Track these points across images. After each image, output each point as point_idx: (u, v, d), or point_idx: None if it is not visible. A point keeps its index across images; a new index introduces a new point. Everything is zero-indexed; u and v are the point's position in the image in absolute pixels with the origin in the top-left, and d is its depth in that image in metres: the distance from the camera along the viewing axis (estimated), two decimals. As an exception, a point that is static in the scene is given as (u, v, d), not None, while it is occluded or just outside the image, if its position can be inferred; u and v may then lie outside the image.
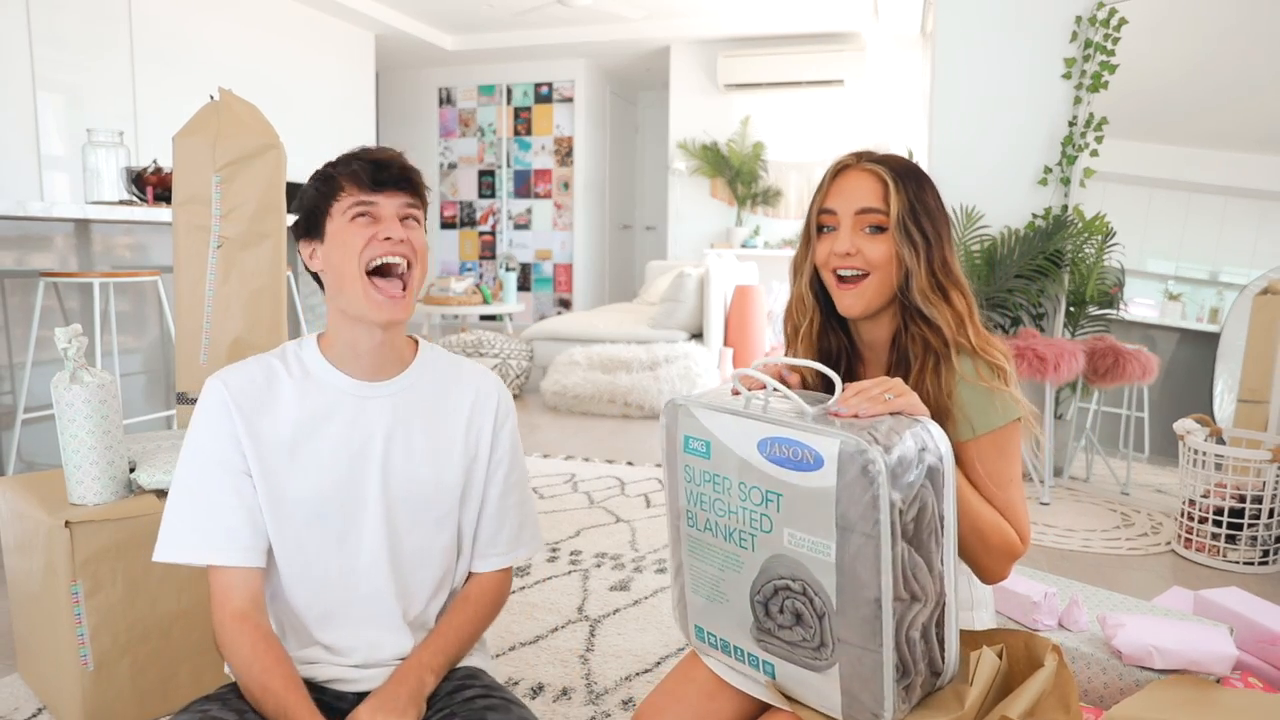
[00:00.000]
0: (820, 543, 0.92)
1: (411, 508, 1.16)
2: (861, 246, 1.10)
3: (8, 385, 2.76)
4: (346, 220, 1.10)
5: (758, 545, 0.99)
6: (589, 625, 1.96)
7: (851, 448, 0.88)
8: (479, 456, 1.21)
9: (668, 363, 4.55)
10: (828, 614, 0.94)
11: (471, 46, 7.64)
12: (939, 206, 1.13)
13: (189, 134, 1.88)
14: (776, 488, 0.95)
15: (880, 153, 1.16)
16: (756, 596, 1.01)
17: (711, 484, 1.02)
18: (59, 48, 4.38)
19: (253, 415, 1.10)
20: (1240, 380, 2.83)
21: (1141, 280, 3.24)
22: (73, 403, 1.47)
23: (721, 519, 1.02)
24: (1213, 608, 1.63)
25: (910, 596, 0.93)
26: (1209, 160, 3.07)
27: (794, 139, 7.22)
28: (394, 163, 1.12)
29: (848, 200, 1.12)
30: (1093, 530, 2.71)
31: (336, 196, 1.11)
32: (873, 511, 0.88)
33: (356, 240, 1.09)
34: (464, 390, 1.22)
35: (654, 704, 1.13)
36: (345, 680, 1.14)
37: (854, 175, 1.14)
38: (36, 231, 2.81)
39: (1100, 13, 3.13)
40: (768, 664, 1.04)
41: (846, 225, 1.12)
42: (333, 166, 1.13)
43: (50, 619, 1.49)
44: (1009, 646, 1.07)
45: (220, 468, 1.09)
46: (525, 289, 8.36)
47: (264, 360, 1.16)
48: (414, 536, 1.16)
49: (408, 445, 1.15)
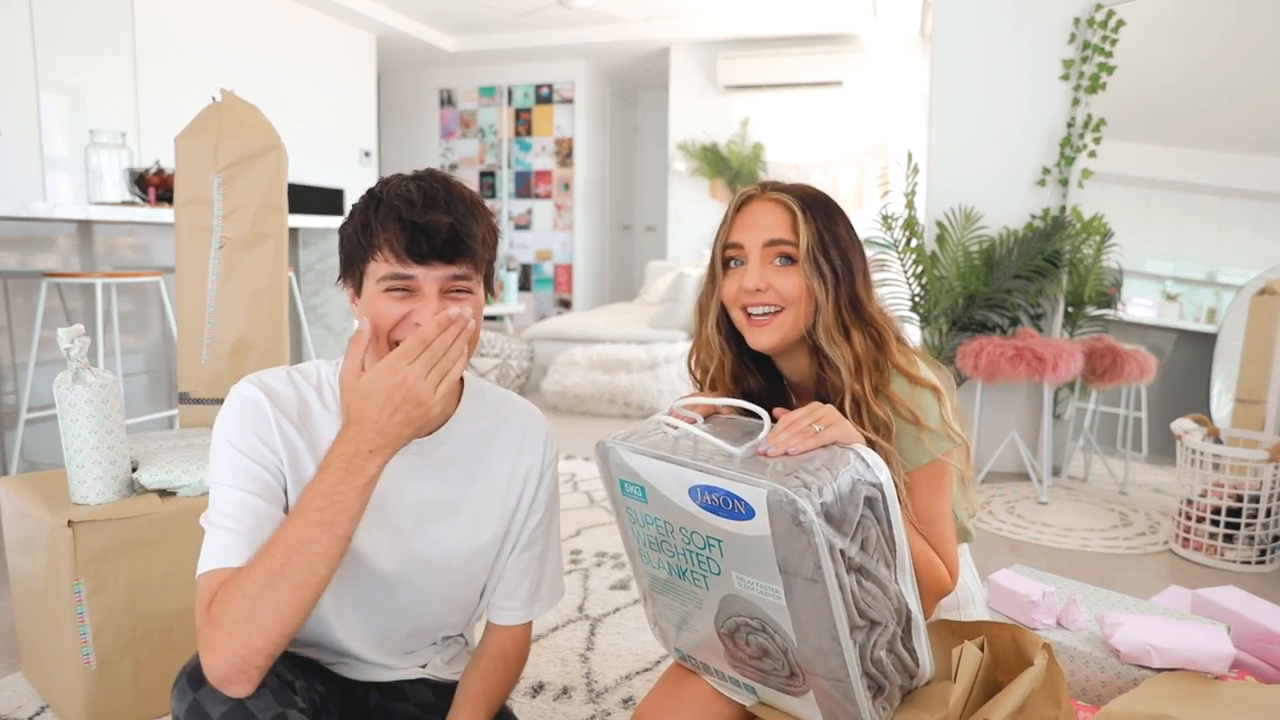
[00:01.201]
0: (769, 586, 0.89)
1: (441, 574, 1.08)
2: (772, 281, 1.04)
3: (11, 385, 2.77)
4: (379, 290, 0.95)
5: (711, 585, 0.95)
6: (589, 624, 1.97)
7: (779, 498, 0.83)
8: (520, 507, 1.12)
9: (668, 363, 4.56)
10: (790, 649, 0.92)
11: (472, 48, 7.65)
12: (851, 238, 1.08)
13: (191, 135, 1.89)
14: (716, 534, 0.90)
15: (786, 182, 1.11)
16: (721, 630, 0.99)
17: (654, 526, 0.97)
18: (62, 49, 4.39)
19: (291, 434, 0.98)
20: (1238, 380, 2.83)
21: (1139, 281, 3.25)
22: (75, 403, 1.48)
23: (671, 559, 0.98)
24: (1210, 607, 1.63)
25: (869, 623, 0.90)
26: (1207, 161, 3.07)
27: (794, 140, 7.23)
28: (440, 230, 0.92)
29: (755, 232, 1.06)
30: (1091, 530, 2.72)
31: (373, 256, 0.94)
32: (812, 557, 0.84)
33: (386, 317, 0.94)
34: (510, 436, 1.11)
35: (654, 704, 1.13)
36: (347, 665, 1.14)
37: (760, 206, 1.08)
38: (39, 232, 2.82)
39: (1098, 14, 3.14)
40: (749, 685, 1.04)
41: (755, 259, 1.06)
42: (375, 212, 0.95)
43: (53, 618, 1.50)
44: (995, 640, 1.07)
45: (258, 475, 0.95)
46: (526, 289, 8.37)
47: (295, 381, 1.02)
48: (438, 596, 1.10)
49: (442, 511, 1.05)
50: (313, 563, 0.86)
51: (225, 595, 0.86)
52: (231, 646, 0.85)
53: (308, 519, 0.86)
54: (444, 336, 0.89)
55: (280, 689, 0.91)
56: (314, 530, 0.86)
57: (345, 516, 0.87)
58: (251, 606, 0.85)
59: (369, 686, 1.14)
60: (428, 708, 1.14)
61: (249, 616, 0.85)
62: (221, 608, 0.86)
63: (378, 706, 1.14)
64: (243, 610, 0.85)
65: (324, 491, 0.87)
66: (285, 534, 0.87)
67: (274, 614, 0.85)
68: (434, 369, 0.88)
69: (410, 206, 0.93)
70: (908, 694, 1.01)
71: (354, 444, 0.88)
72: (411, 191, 0.94)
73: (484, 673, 1.11)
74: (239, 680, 0.86)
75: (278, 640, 0.86)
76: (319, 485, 0.88)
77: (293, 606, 0.86)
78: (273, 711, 0.89)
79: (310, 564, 0.86)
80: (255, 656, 0.86)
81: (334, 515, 0.87)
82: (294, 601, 0.86)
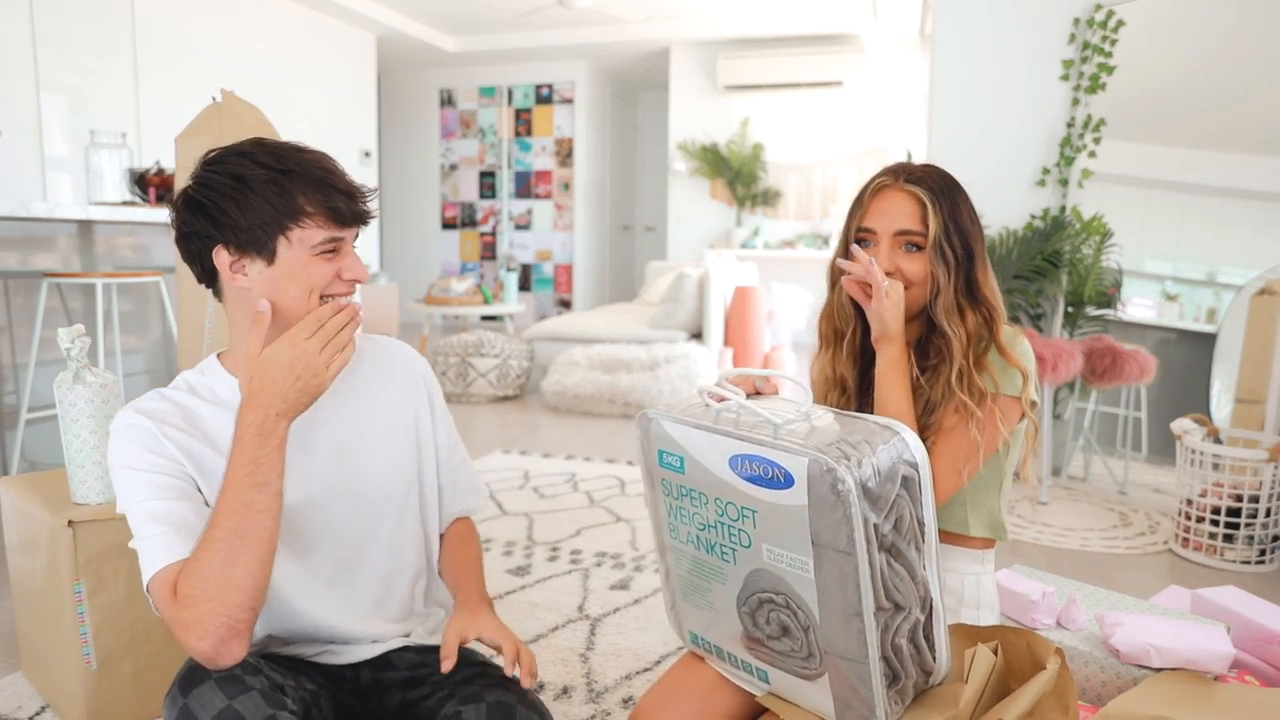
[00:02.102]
0: (798, 559, 0.90)
1: (373, 507, 1.14)
2: (900, 264, 1.15)
3: (11, 385, 2.77)
4: (310, 254, 1.02)
5: (739, 559, 0.97)
6: (589, 624, 1.97)
7: (820, 467, 0.86)
8: (422, 430, 1.21)
9: (668, 363, 4.56)
10: (812, 627, 0.93)
11: (472, 48, 7.66)
12: (972, 223, 1.17)
13: (191, 135, 1.89)
14: (751, 504, 0.93)
15: (918, 167, 1.18)
16: (743, 607, 1.00)
17: (689, 498, 1.00)
18: (62, 49, 4.39)
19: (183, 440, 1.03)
20: (1237, 380, 2.83)
21: (1139, 281, 3.25)
22: (75, 403, 1.48)
23: (702, 533, 1.00)
24: (1210, 606, 1.63)
25: (894, 606, 0.91)
26: (1206, 161, 3.07)
27: (793, 140, 7.23)
28: (360, 196, 1.05)
29: (887, 221, 1.16)
30: (1091, 529, 2.72)
31: (299, 222, 1.00)
32: (846, 529, 0.86)
33: (319, 277, 1.02)
34: (392, 372, 1.20)
35: (655, 698, 1.14)
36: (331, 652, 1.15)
37: (892, 195, 1.17)
38: (40, 232, 2.82)
39: (1098, 15, 3.14)
40: (761, 671, 1.04)
41: (885, 245, 1.16)
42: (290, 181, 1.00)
43: (53, 618, 1.50)
44: (1010, 646, 1.07)
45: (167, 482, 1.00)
46: (526, 289, 8.37)
47: (167, 395, 1.07)
48: (383, 533, 1.16)
49: (350, 452, 1.12)
50: (261, 519, 0.94)
51: (189, 575, 0.91)
52: (214, 612, 0.90)
53: (241, 485, 0.94)
54: (337, 319, 1.00)
55: (271, 691, 0.94)
56: (251, 493, 0.94)
57: (274, 474, 0.96)
58: (220, 572, 0.91)
59: (358, 667, 1.17)
60: (416, 666, 1.18)
61: (222, 581, 0.91)
62: (189, 585, 0.91)
63: (370, 682, 1.17)
64: (212, 579, 0.91)
65: (248, 458, 0.95)
66: (225, 504, 0.94)
67: (243, 571, 0.91)
68: (328, 346, 0.99)
69: (330, 174, 1.03)
70: (920, 693, 1.01)
71: (261, 411, 0.96)
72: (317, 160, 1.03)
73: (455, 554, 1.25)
74: (232, 639, 0.91)
75: (254, 595, 0.92)
76: (241, 454, 0.95)
77: (258, 561, 0.93)
78: (263, 713, 0.91)
79: (259, 521, 0.94)
80: (239, 612, 0.91)
81: (264, 475, 0.95)
82: (257, 556, 0.93)
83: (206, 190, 1.01)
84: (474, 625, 1.08)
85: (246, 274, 1.02)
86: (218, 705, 0.91)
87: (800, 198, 7.25)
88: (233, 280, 1.03)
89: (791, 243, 7.25)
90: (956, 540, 1.22)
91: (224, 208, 1.00)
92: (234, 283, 1.03)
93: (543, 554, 2.42)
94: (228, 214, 1.00)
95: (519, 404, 4.79)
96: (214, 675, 0.94)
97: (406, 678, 1.17)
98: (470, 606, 1.13)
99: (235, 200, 0.99)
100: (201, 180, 1.02)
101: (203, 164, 1.04)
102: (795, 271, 6.94)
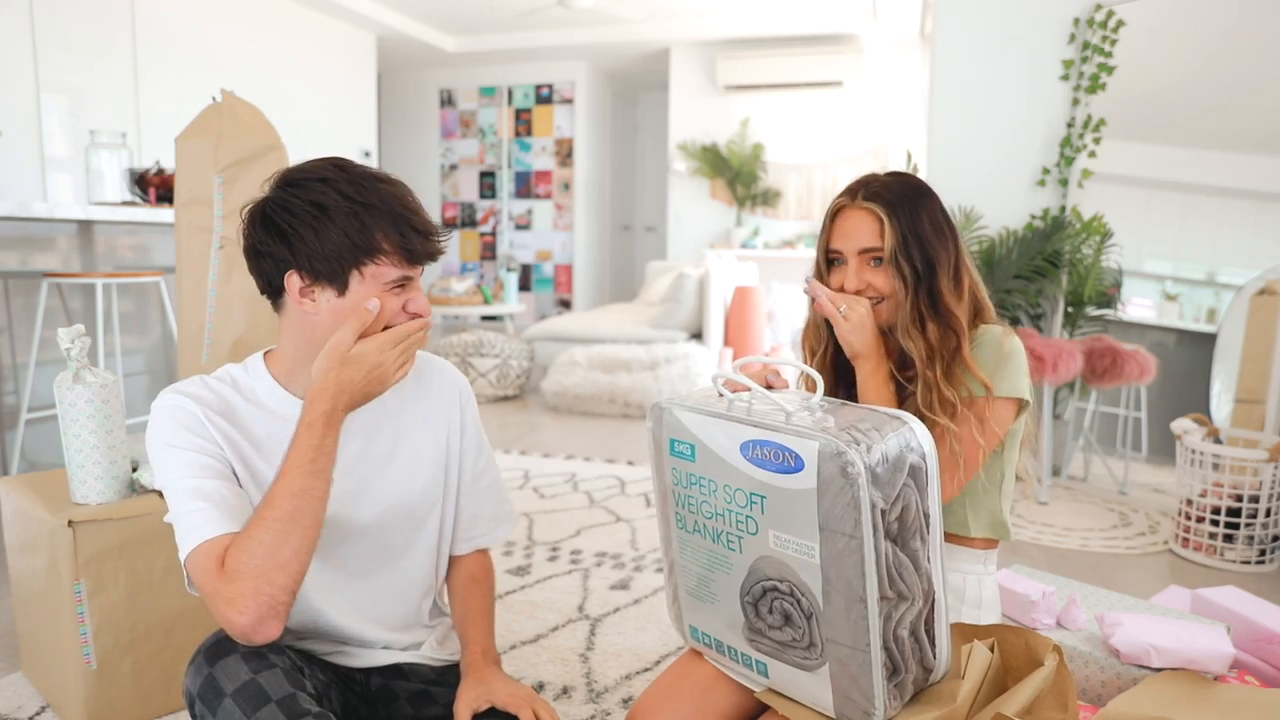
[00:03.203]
0: (804, 544, 0.92)
1: (395, 521, 1.16)
2: (870, 280, 1.19)
3: (11, 385, 2.77)
4: (384, 289, 1.03)
5: (745, 547, 0.99)
6: (589, 624, 1.97)
7: (830, 449, 0.88)
8: (451, 449, 1.22)
9: (668, 363, 4.56)
10: (815, 614, 0.94)
11: (472, 48, 7.65)
12: (936, 232, 1.17)
13: (191, 135, 1.89)
14: (760, 490, 0.95)
15: (879, 180, 1.19)
16: (746, 597, 1.01)
17: (698, 486, 1.03)
18: (62, 49, 4.39)
19: (224, 426, 1.04)
20: (1237, 380, 2.84)
21: (1139, 281, 3.25)
22: (75, 403, 1.48)
23: (709, 521, 1.03)
24: (1210, 606, 1.63)
25: (897, 595, 0.93)
26: (1206, 161, 3.07)
27: (793, 140, 7.23)
28: (433, 234, 1.06)
29: (850, 241, 1.19)
30: (1091, 529, 2.72)
31: (374, 259, 1.01)
32: (853, 512, 0.88)
33: (388, 313, 1.04)
34: (428, 387, 1.21)
35: (652, 697, 1.15)
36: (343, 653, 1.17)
37: (851, 215, 1.19)
38: (40, 232, 2.82)
39: (1098, 15, 3.14)
40: (760, 663, 1.04)
41: (853, 264, 1.19)
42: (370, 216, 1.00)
43: (53, 618, 1.50)
44: (1008, 644, 1.07)
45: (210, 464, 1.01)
46: (526, 289, 8.37)
47: (211, 385, 1.08)
48: (400, 547, 1.17)
49: (380, 463, 1.14)
50: (314, 506, 0.96)
51: (239, 550, 0.93)
52: (259, 589, 0.91)
53: (303, 469, 0.96)
54: (416, 336, 1.06)
55: (292, 670, 0.97)
56: (310, 479, 0.96)
57: (330, 463, 0.99)
58: (269, 551, 0.92)
59: (369, 672, 1.18)
60: (431, 682, 1.20)
61: (269, 560, 0.92)
62: (238, 560, 0.92)
63: (380, 688, 1.17)
64: (260, 557, 0.92)
65: (314, 444, 0.97)
66: (285, 488, 0.95)
67: (291, 554, 0.93)
68: (401, 359, 1.04)
69: (411, 214, 1.03)
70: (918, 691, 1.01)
71: (333, 401, 0.99)
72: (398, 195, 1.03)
73: (465, 596, 1.24)
74: (270, 618, 0.92)
75: (296, 578, 0.94)
76: (307, 440, 0.97)
77: (306, 545, 0.95)
78: (284, 691, 0.94)
79: (313, 507, 0.96)
80: (281, 594, 0.93)
81: (324, 463, 0.98)
82: (306, 540, 0.95)
83: (286, 214, 1.00)
84: (486, 694, 1.10)
85: (315, 301, 1.03)
86: (243, 677, 0.94)
87: (800, 198, 7.25)
88: (300, 304, 1.03)
89: (791, 243, 7.25)
90: (958, 540, 1.22)
91: (303, 235, 1.00)
92: (301, 306, 1.03)
93: (543, 554, 2.42)
94: (305, 241, 1.00)
95: (519, 404, 4.79)
96: (240, 649, 0.96)
97: (418, 691, 1.18)
98: (479, 672, 1.14)
99: (315, 229, 0.99)
100: (281, 202, 1.01)
101: (283, 183, 1.03)
102: (795, 271, 6.95)
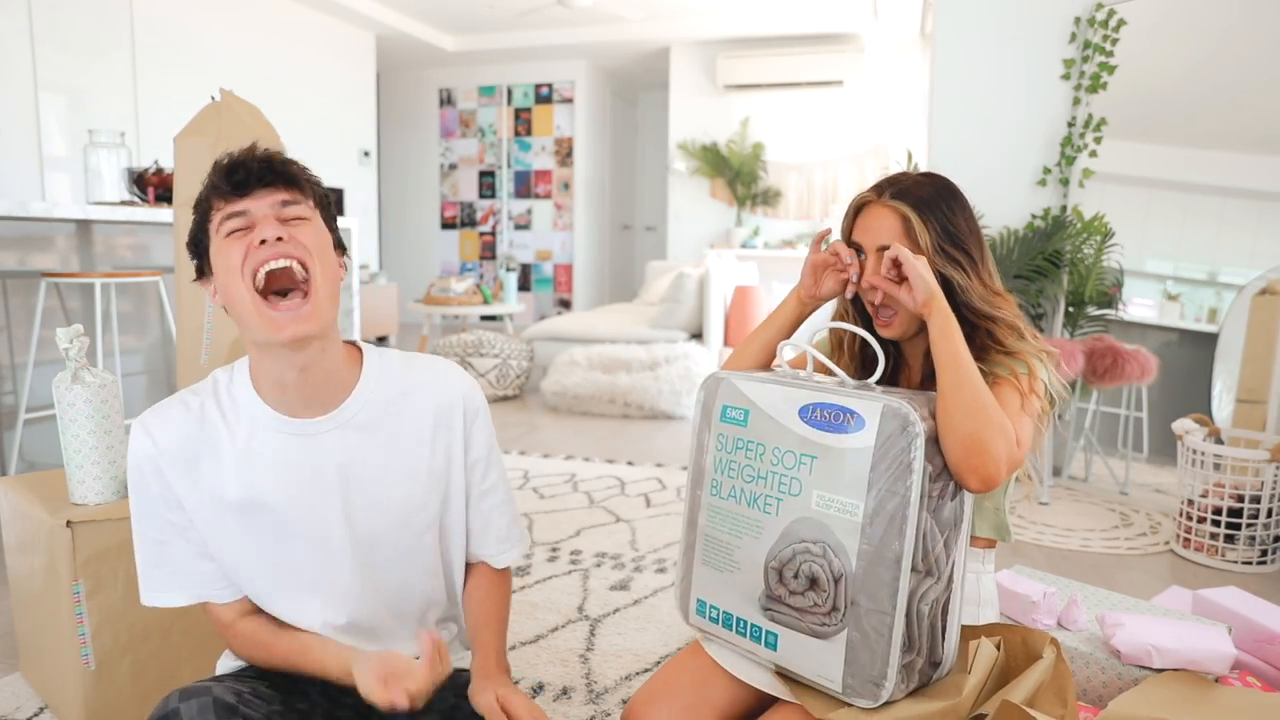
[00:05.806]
0: (849, 503, 0.97)
1: (387, 534, 1.10)
2: None
3: (10, 385, 2.76)
4: (222, 238, 0.98)
5: (782, 510, 1.03)
6: (589, 625, 1.97)
7: (893, 408, 0.96)
8: (454, 460, 1.14)
9: (668, 363, 4.55)
10: (845, 576, 0.97)
11: (472, 47, 7.65)
12: (967, 232, 1.14)
13: (190, 135, 1.89)
14: (812, 450, 1.00)
15: (909, 179, 1.16)
16: (772, 562, 1.04)
17: (744, 450, 1.07)
18: (61, 49, 4.39)
19: (187, 471, 1.03)
20: (1238, 380, 2.83)
21: (1140, 280, 3.24)
22: (74, 403, 1.48)
23: (749, 485, 1.07)
24: (1211, 607, 1.63)
25: (926, 570, 0.97)
26: (1207, 161, 3.07)
27: (794, 139, 7.23)
28: (250, 159, 0.98)
29: (871, 236, 1.16)
30: (1092, 530, 2.72)
31: (209, 218, 0.99)
32: (905, 475, 0.94)
33: (234, 255, 0.96)
34: (423, 399, 1.12)
35: (647, 691, 1.16)
36: None
37: (875, 211, 1.16)
38: (38, 232, 2.81)
39: (1099, 14, 3.14)
40: (770, 634, 1.05)
41: (872, 260, 1.15)
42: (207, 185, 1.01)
43: (52, 618, 1.50)
44: (1007, 641, 1.08)
45: (171, 527, 1.06)
46: (525, 289, 8.37)
47: (192, 404, 1.05)
48: (395, 559, 1.12)
49: (368, 479, 1.08)
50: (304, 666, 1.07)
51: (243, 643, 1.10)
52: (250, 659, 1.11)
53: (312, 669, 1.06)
54: None
55: None
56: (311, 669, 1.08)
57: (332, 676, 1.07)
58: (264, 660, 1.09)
59: None
60: None
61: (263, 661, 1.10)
62: (240, 646, 1.10)
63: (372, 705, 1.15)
64: (257, 658, 1.10)
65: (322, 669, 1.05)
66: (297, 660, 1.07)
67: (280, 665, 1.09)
68: None
69: (228, 156, 1.00)
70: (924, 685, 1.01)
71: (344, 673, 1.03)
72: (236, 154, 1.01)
73: (481, 601, 1.20)
74: None
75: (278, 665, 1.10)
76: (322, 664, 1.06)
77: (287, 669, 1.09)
78: None
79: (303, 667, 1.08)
80: None
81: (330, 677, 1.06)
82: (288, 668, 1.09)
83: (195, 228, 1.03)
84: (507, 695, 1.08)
85: (215, 293, 1.02)
86: None
87: (800, 197, 7.25)
88: (215, 302, 1.02)
89: (791, 242, 7.25)
90: None
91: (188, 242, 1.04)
92: (216, 304, 1.02)
93: (542, 554, 2.42)
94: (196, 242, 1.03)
95: (519, 404, 4.79)
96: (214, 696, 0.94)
97: None
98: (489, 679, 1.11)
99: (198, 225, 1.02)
100: None
101: None
102: (795, 271, 6.93)
